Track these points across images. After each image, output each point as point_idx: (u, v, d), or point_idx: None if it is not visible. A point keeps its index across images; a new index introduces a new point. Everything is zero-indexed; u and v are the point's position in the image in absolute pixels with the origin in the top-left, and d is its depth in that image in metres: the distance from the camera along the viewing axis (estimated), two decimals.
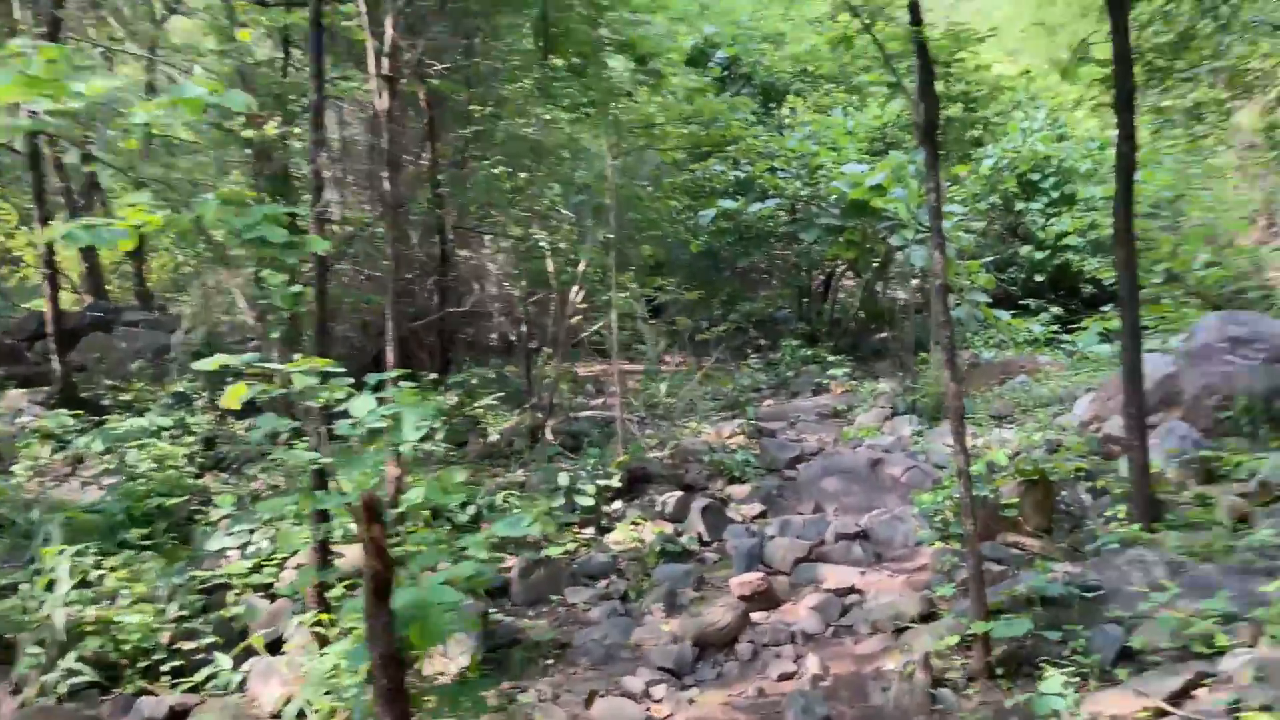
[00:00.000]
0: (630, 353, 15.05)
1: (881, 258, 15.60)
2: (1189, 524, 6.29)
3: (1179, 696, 4.36)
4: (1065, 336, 14.35)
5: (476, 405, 13.29)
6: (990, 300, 13.16)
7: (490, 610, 6.36)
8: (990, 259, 15.21)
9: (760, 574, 6.45)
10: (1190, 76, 11.10)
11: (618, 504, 8.66)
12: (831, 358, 14.92)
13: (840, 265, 17.90)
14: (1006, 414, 11.03)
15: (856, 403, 12.84)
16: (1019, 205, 16.91)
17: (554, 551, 7.06)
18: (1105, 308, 14.11)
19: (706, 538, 8.07)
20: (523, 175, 12.27)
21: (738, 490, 9.18)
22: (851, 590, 6.35)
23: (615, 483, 8.67)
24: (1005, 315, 13.51)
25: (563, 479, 8.47)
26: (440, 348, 16.46)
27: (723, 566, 7.41)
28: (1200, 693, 4.39)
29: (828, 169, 15.10)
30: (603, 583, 7.10)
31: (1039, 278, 16.25)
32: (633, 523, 8.10)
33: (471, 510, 7.78)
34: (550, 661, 6.01)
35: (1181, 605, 4.83)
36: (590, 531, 8.10)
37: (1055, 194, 16.36)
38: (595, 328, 14.67)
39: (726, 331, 17.81)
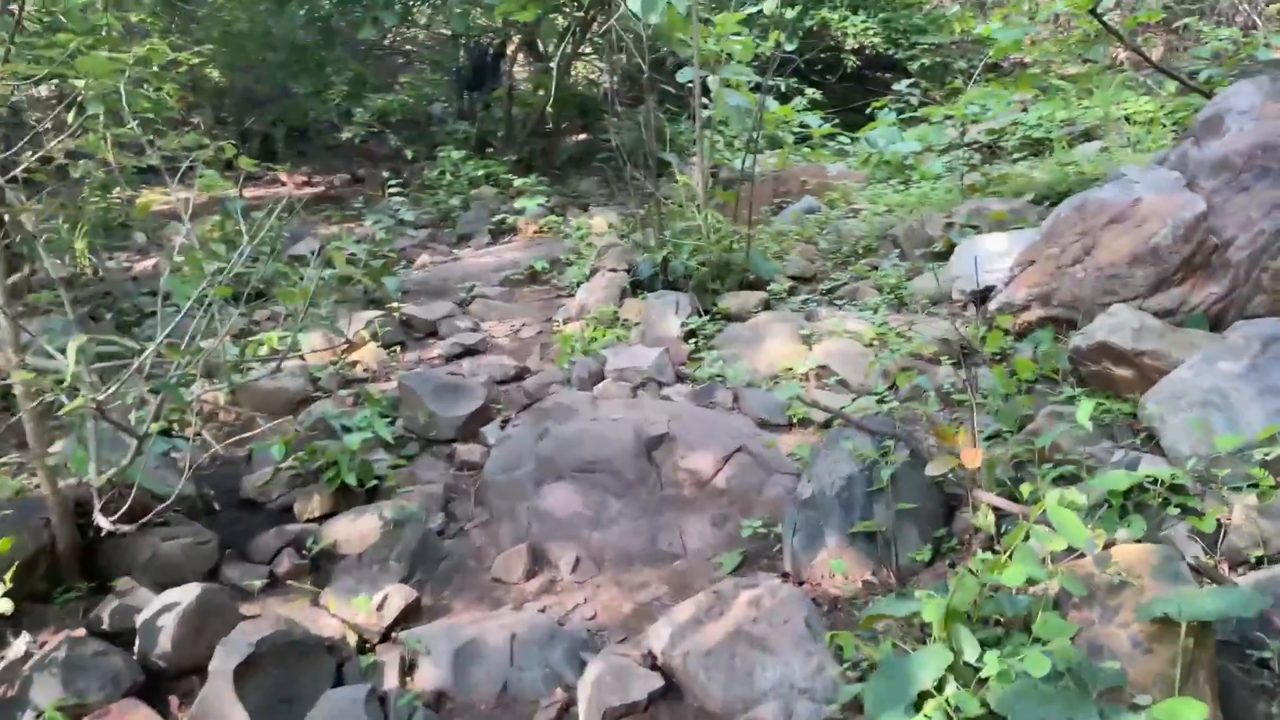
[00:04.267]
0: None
1: (584, 17, 10.30)
2: None
3: None
4: (842, 132, 10.16)
5: None
6: (752, 81, 8.46)
7: None
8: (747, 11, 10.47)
9: None
10: None
11: None
12: (519, 181, 9.69)
13: (514, 33, 12.36)
14: (811, 274, 6.60)
15: (563, 254, 7.90)
16: None
17: None
18: (901, 84, 10.04)
19: None
20: None
21: (347, 529, 4.00)
22: None
23: None
24: (772, 104, 8.92)
25: None
26: None
27: None
28: None
29: None
30: None
31: (789, 47, 11.75)
32: None
33: None
34: None
35: None
36: None
37: None
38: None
39: (354, 138, 11.88)
